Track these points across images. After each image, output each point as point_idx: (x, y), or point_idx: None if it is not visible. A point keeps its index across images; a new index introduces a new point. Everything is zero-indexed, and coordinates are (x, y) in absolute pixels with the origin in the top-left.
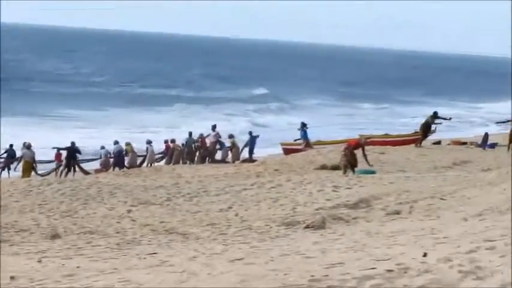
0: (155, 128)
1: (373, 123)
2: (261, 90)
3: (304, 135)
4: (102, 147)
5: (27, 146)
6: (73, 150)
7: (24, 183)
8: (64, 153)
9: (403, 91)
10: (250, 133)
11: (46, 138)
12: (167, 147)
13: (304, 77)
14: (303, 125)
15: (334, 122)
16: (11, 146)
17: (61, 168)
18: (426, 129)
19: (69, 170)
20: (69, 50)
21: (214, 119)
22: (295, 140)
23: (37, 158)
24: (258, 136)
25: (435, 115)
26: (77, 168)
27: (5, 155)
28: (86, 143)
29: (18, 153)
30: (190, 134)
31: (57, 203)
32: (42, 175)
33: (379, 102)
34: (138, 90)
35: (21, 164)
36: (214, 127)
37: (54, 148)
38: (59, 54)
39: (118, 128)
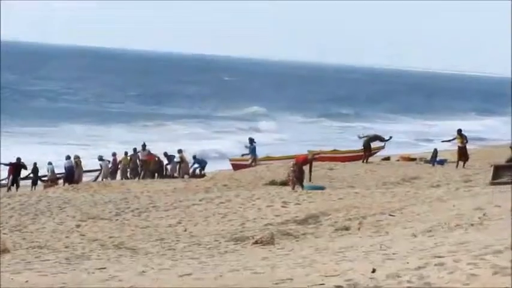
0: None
1: (339, 139)
2: (253, 108)
3: (252, 151)
4: (49, 163)
5: None
6: (19, 166)
7: None
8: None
9: (374, 107)
10: (194, 157)
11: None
12: (114, 160)
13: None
14: (251, 141)
15: (304, 138)
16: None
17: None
18: (368, 144)
19: (16, 185)
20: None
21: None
22: (242, 155)
23: None
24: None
25: (377, 137)
26: (21, 183)
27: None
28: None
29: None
30: (135, 149)
31: (6, 217)
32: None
33: (348, 120)
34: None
35: None
36: (144, 146)
37: (0, 164)
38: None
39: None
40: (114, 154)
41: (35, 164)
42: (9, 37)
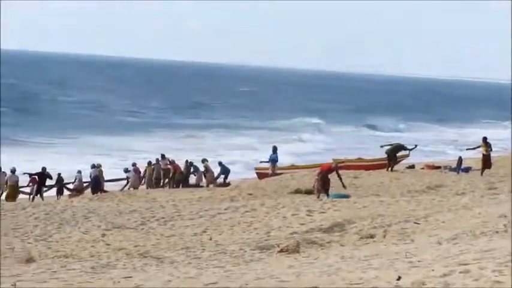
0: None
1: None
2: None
3: (273, 160)
4: (79, 171)
5: (12, 171)
6: (43, 176)
7: None
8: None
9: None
10: (220, 163)
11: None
12: (136, 170)
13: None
14: (275, 149)
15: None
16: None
17: (33, 193)
18: (392, 154)
19: (40, 195)
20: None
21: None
22: (260, 162)
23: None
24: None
25: (401, 147)
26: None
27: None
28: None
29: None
30: (157, 160)
31: (31, 227)
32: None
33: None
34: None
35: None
36: (163, 156)
37: (24, 174)
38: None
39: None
40: (134, 164)
41: (59, 174)
42: (17, 46)
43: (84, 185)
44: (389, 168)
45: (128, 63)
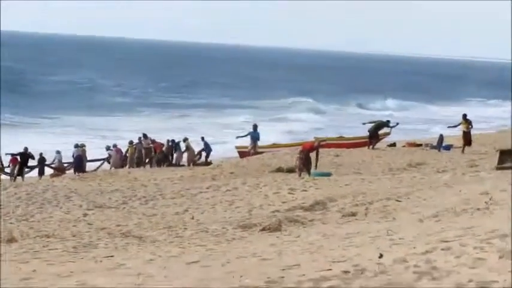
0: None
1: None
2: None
3: (253, 138)
4: (58, 152)
5: None
6: (25, 156)
7: None
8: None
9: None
10: (203, 138)
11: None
12: (117, 150)
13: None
14: (255, 127)
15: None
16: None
17: (14, 173)
18: (374, 132)
19: (21, 176)
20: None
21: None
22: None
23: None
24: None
25: (387, 122)
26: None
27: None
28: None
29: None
30: (139, 138)
31: (13, 207)
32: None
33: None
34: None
35: None
36: (145, 136)
37: (7, 154)
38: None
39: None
40: (115, 145)
41: (41, 153)
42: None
43: (65, 165)
44: (371, 146)
45: (132, 44)
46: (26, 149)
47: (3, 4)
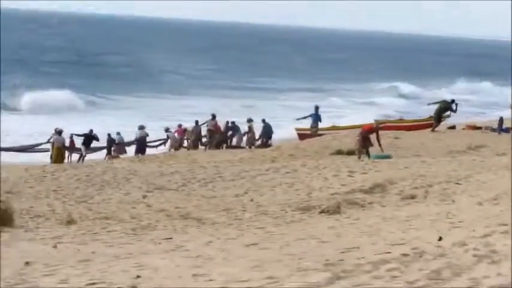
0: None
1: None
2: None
3: (315, 120)
4: (118, 133)
5: (58, 132)
6: (90, 137)
7: (39, 169)
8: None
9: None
10: (264, 121)
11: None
12: (179, 131)
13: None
14: (316, 109)
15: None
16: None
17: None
18: (440, 114)
19: (83, 157)
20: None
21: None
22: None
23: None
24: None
25: (452, 102)
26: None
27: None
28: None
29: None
30: (196, 122)
31: (72, 188)
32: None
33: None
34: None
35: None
36: (214, 116)
37: (72, 134)
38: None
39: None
40: (179, 125)
41: (109, 134)
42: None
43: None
44: (433, 129)
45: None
46: (91, 130)
47: None
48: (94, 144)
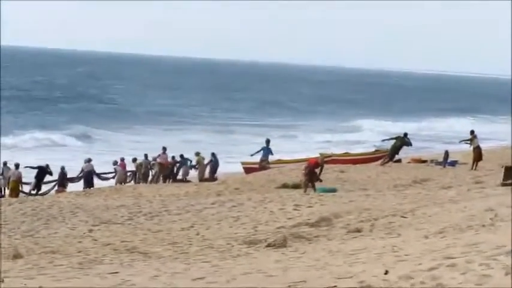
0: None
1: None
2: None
3: (266, 153)
4: (62, 168)
5: (16, 165)
6: (43, 171)
7: None
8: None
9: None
10: (213, 154)
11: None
12: (122, 165)
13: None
14: (268, 142)
15: None
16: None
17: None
18: (397, 151)
19: (38, 190)
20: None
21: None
22: (251, 155)
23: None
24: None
25: (405, 136)
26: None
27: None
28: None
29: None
30: (146, 155)
31: (18, 222)
32: (30, 194)
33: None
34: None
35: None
36: (164, 149)
37: (26, 167)
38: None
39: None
40: (122, 159)
41: (62, 168)
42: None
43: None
44: (385, 162)
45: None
46: (47, 165)
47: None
48: (47, 178)
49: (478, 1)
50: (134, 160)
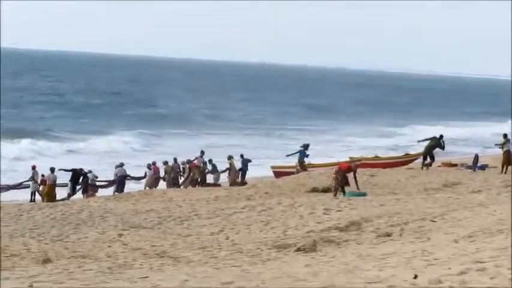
0: None
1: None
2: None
3: (304, 155)
4: (89, 171)
5: (51, 169)
6: (78, 174)
7: (15, 207)
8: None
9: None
10: (242, 156)
11: None
12: (155, 168)
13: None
14: (306, 146)
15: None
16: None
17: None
18: (430, 151)
19: (73, 194)
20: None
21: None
22: (287, 155)
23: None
24: (250, 160)
25: (440, 138)
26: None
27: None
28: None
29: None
30: (175, 159)
31: (48, 227)
32: (67, 198)
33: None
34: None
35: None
36: (202, 153)
37: (60, 170)
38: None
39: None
40: (154, 163)
41: (89, 171)
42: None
43: (104, 183)
44: (426, 167)
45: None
46: (81, 169)
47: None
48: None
49: None
50: (165, 163)
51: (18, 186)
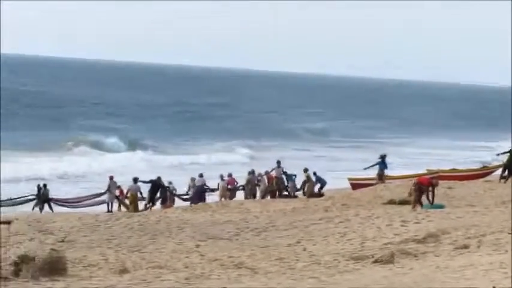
0: None
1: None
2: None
3: (383, 167)
4: (170, 183)
5: (134, 179)
6: (157, 185)
7: (92, 218)
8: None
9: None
10: (315, 174)
11: None
12: (231, 180)
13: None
14: (383, 157)
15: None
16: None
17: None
18: (509, 164)
19: (153, 204)
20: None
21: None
22: (364, 168)
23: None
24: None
25: None
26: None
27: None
28: None
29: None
30: (252, 171)
31: (125, 237)
32: (146, 208)
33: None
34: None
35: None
36: (279, 163)
37: (138, 181)
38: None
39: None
40: (229, 175)
41: (169, 182)
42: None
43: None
44: (503, 179)
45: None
46: (159, 178)
47: None
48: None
49: None
50: (250, 173)
51: (95, 197)
